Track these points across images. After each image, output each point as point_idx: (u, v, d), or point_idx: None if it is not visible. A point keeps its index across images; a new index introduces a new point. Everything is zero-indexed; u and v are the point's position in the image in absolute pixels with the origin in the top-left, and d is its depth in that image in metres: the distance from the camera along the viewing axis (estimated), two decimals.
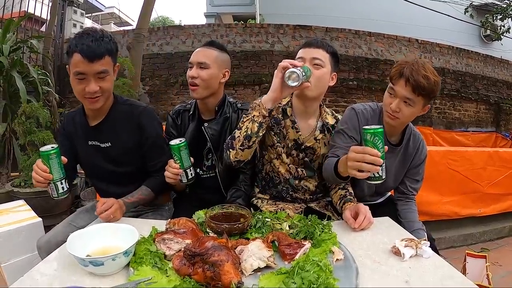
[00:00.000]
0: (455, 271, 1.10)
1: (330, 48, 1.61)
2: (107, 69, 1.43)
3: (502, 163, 3.57)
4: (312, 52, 1.57)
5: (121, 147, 1.60)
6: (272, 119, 1.66)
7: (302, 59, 1.56)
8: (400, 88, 1.50)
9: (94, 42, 1.38)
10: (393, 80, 1.53)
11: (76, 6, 6.80)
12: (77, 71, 1.39)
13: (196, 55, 1.76)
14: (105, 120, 1.59)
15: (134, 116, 1.60)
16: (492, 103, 8.04)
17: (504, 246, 3.46)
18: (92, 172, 1.76)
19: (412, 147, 1.74)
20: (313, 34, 6.61)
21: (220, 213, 1.34)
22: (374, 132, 1.21)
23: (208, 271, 0.94)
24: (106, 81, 1.46)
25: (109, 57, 1.44)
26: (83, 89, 1.41)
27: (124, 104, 1.63)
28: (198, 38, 6.40)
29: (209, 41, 1.85)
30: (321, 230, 1.25)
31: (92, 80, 1.41)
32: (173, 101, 6.13)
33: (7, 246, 2.10)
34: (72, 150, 1.64)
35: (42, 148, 1.28)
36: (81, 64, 1.37)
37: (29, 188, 3.36)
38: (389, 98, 1.56)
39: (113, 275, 1.03)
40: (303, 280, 0.91)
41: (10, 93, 3.71)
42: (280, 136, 1.68)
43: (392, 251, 1.19)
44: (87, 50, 1.36)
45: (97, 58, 1.38)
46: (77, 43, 1.37)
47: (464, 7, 10.36)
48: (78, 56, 1.36)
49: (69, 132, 1.65)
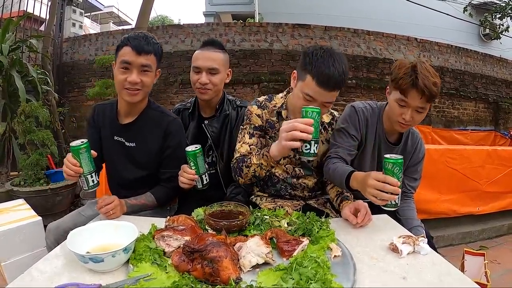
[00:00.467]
0: (452, 268, 1.11)
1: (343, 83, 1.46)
2: (151, 64, 1.54)
3: (500, 162, 3.58)
4: (327, 96, 1.44)
5: (144, 149, 1.66)
6: (267, 124, 1.66)
7: (314, 100, 1.45)
8: (414, 99, 1.49)
9: (144, 39, 1.52)
10: (404, 91, 1.49)
11: (75, 6, 6.81)
12: (123, 59, 1.50)
13: (204, 60, 1.77)
14: (136, 121, 1.66)
15: (164, 123, 1.67)
16: (491, 101, 8.05)
17: (502, 244, 3.47)
18: (108, 167, 1.80)
19: (411, 145, 1.75)
20: (312, 33, 6.60)
21: (219, 210, 1.35)
22: (395, 162, 1.24)
23: (207, 267, 0.95)
24: (148, 76, 1.55)
25: (154, 57, 1.56)
26: (125, 79, 1.51)
27: (156, 110, 1.70)
28: (197, 37, 6.39)
29: (209, 41, 1.85)
30: (319, 227, 1.26)
31: (135, 71, 1.51)
32: (172, 100, 6.14)
33: (7, 245, 2.10)
34: (100, 141, 1.71)
35: (72, 143, 1.33)
36: (129, 55, 1.49)
37: (28, 187, 3.38)
38: (400, 109, 1.53)
39: (113, 272, 1.03)
40: (301, 276, 0.92)
41: (9, 92, 3.72)
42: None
43: (390, 248, 1.20)
44: (137, 44, 1.49)
45: (144, 52, 1.50)
46: (129, 38, 1.52)
47: (463, 6, 10.36)
48: (128, 49, 1.50)
49: (98, 123, 1.71)
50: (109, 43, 6.55)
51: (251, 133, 1.65)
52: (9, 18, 4.33)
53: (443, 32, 11.06)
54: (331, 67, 1.39)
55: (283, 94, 1.72)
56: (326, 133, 1.72)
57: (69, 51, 6.63)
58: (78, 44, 6.65)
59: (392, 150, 1.67)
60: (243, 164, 1.54)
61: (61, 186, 3.52)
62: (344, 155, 1.61)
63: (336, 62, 1.40)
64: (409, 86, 1.47)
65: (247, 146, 1.63)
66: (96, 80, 5.33)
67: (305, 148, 1.28)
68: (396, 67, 1.56)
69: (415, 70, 1.47)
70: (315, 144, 1.28)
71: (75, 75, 6.51)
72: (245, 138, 1.65)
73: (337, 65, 1.40)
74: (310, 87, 1.43)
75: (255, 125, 1.66)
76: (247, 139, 1.64)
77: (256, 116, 1.66)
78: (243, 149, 1.62)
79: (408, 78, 1.47)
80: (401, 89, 1.49)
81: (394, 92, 1.55)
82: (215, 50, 1.79)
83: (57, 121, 4.54)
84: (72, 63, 6.57)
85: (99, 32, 7.48)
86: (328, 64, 1.40)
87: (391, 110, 1.60)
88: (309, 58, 1.44)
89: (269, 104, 1.68)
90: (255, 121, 1.66)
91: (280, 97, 1.71)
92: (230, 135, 1.86)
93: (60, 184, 3.53)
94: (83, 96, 6.15)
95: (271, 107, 1.67)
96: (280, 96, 1.71)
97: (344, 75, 1.43)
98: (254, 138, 1.64)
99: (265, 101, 1.69)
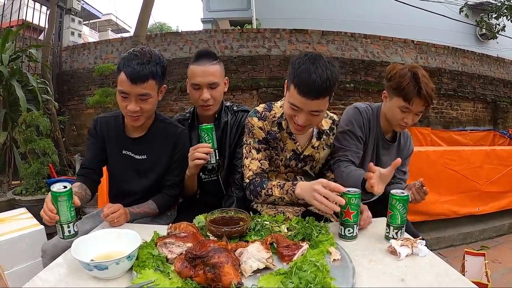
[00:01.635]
0: (450, 269, 1.12)
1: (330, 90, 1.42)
2: (149, 92, 1.51)
3: (499, 161, 3.60)
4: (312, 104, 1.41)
5: (155, 161, 1.68)
6: (269, 135, 1.66)
7: (300, 110, 1.43)
8: (418, 106, 1.61)
9: (139, 65, 1.46)
10: (410, 100, 1.58)
11: (74, 14, 6.82)
12: (121, 89, 1.49)
13: (203, 77, 1.74)
14: (146, 135, 1.67)
15: (174, 134, 1.70)
16: (489, 101, 8.06)
17: (503, 243, 3.49)
18: (112, 180, 1.81)
19: (403, 142, 1.89)
20: (309, 38, 6.63)
21: (220, 217, 1.36)
22: (401, 199, 1.30)
23: (209, 273, 0.97)
24: (148, 103, 1.54)
25: (153, 81, 1.51)
26: (125, 106, 1.51)
27: (164, 122, 1.72)
28: (195, 44, 6.42)
29: (203, 52, 1.81)
30: (318, 231, 1.28)
31: (133, 101, 1.50)
32: (171, 107, 6.16)
33: (10, 253, 2.12)
34: (102, 152, 1.70)
35: (53, 187, 1.25)
36: (125, 84, 1.46)
37: (30, 196, 3.39)
38: (402, 114, 1.64)
39: (117, 279, 1.05)
40: (301, 280, 0.94)
41: (10, 102, 3.75)
42: (277, 150, 1.68)
43: (389, 250, 1.22)
44: (131, 72, 1.44)
45: (140, 81, 1.46)
46: (124, 63, 1.47)
47: (459, 7, 10.41)
48: (124, 76, 1.46)
49: (102, 135, 1.70)
50: (108, 51, 6.59)
51: (257, 148, 1.63)
52: (8, 28, 4.37)
53: (440, 33, 11.11)
54: (313, 75, 1.35)
55: (281, 102, 1.69)
56: (328, 138, 1.72)
57: (68, 59, 6.67)
58: (77, 53, 6.68)
59: (390, 148, 1.83)
60: (261, 190, 1.53)
61: None
62: (353, 158, 1.66)
63: (319, 69, 1.35)
64: (415, 95, 1.57)
65: (257, 162, 1.62)
66: (95, 89, 5.36)
67: (348, 232, 1.32)
68: (395, 74, 1.64)
69: (417, 79, 1.56)
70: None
71: (74, 83, 6.54)
72: (252, 153, 1.64)
73: (320, 72, 1.35)
74: (294, 96, 1.42)
75: (259, 138, 1.64)
76: (255, 154, 1.63)
77: (259, 129, 1.64)
78: (254, 166, 1.62)
79: (412, 87, 1.56)
80: (407, 97, 1.59)
81: (397, 99, 1.63)
82: (211, 62, 1.76)
83: (58, 130, 4.55)
84: (72, 72, 6.60)
85: (98, 41, 7.50)
86: (309, 72, 1.36)
87: (392, 115, 1.69)
88: (292, 67, 1.43)
89: (268, 114, 1.66)
90: (258, 135, 1.64)
91: (279, 106, 1.68)
92: (230, 142, 1.88)
93: None
94: (83, 104, 6.18)
95: (270, 118, 1.66)
96: (279, 105, 1.69)
97: (329, 81, 1.36)
98: (262, 152, 1.64)
99: (265, 111, 1.67)
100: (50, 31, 5.26)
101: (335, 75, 1.40)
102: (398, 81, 1.60)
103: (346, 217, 1.30)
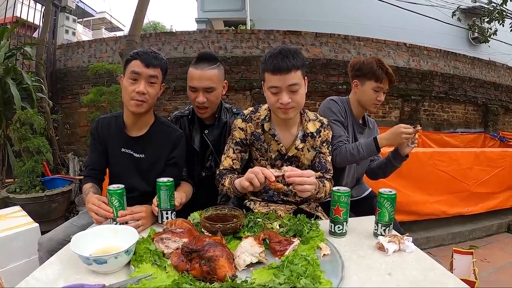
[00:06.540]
0: (436, 264, 1.17)
1: (299, 62, 1.52)
2: (157, 75, 1.65)
3: (488, 163, 3.66)
4: (287, 78, 1.50)
5: (153, 160, 1.74)
6: (252, 136, 1.72)
7: (278, 88, 1.52)
8: (386, 84, 1.98)
9: (151, 54, 1.64)
10: (381, 80, 1.95)
11: (68, 12, 6.77)
12: (133, 70, 1.61)
13: (200, 81, 1.79)
14: (147, 134, 1.73)
15: (173, 136, 1.77)
16: (480, 104, 8.14)
17: (492, 243, 3.56)
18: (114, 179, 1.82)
19: (372, 125, 2.20)
20: (303, 39, 6.66)
21: (214, 214, 1.40)
22: (388, 197, 1.35)
23: (204, 266, 1.01)
24: (154, 88, 1.66)
25: (160, 71, 1.67)
26: (133, 89, 1.60)
27: (164, 124, 1.79)
28: (190, 44, 6.42)
29: (203, 55, 1.86)
30: (309, 228, 1.32)
31: (143, 82, 1.61)
32: (165, 107, 6.16)
33: (4, 251, 2.12)
34: (104, 153, 1.77)
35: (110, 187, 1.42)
36: (138, 66, 1.60)
37: (24, 194, 3.39)
38: (375, 94, 1.98)
39: (115, 273, 1.09)
40: (292, 272, 0.98)
41: (4, 99, 3.73)
42: (261, 151, 1.73)
43: (377, 246, 1.27)
44: (146, 58, 1.61)
45: (152, 65, 1.62)
46: (138, 53, 1.63)
47: (451, 10, 10.51)
48: (137, 62, 1.61)
49: (103, 135, 1.75)
50: (102, 50, 6.56)
51: (233, 148, 1.73)
52: (3, 25, 4.35)
53: (432, 36, 11.22)
54: (278, 55, 1.49)
55: (267, 105, 1.72)
56: (314, 141, 1.73)
57: (62, 58, 6.62)
58: (72, 51, 6.64)
59: (363, 131, 2.12)
60: (220, 180, 1.67)
61: (56, 193, 3.55)
62: (347, 142, 1.89)
63: (284, 51, 1.50)
64: (384, 75, 1.94)
65: (230, 160, 1.72)
66: (89, 87, 5.34)
67: (338, 229, 1.38)
68: (362, 63, 2.00)
69: (381, 64, 1.95)
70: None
71: (68, 82, 6.50)
72: (229, 152, 1.74)
73: (284, 52, 1.50)
74: (269, 79, 1.53)
75: (236, 140, 1.73)
76: (231, 153, 1.73)
77: (239, 129, 1.72)
78: (226, 162, 1.72)
79: (380, 70, 1.94)
80: (378, 78, 1.95)
81: (369, 82, 1.97)
82: (210, 66, 1.80)
83: (51, 128, 4.55)
84: (66, 70, 6.56)
85: (92, 39, 7.47)
86: (275, 55, 1.51)
87: (367, 97, 2.00)
88: (262, 62, 1.57)
89: (254, 116, 1.73)
90: (238, 135, 1.72)
91: (264, 109, 1.74)
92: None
93: (56, 191, 3.56)
94: (77, 103, 6.15)
95: (255, 119, 1.72)
96: (265, 108, 1.74)
97: (295, 54, 1.50)
98: (236, 154, 1.73)
99: (251, 113, 1.74)
100: (45, 29, 5.23)
101: (299, 52, 1.54)
102: (368, 67, 1.96)
103: (336, 215, 1.36)
